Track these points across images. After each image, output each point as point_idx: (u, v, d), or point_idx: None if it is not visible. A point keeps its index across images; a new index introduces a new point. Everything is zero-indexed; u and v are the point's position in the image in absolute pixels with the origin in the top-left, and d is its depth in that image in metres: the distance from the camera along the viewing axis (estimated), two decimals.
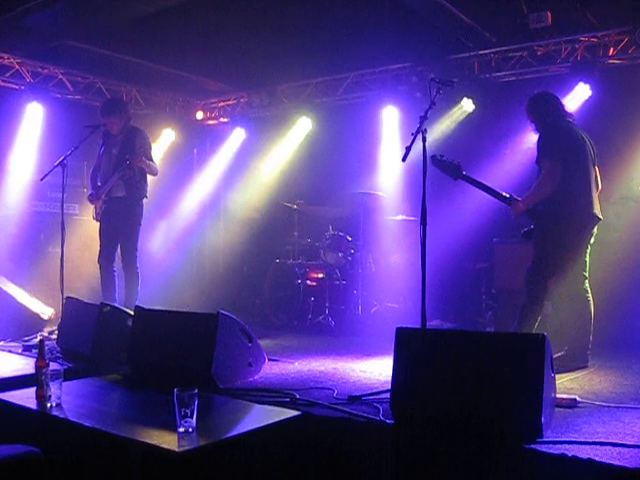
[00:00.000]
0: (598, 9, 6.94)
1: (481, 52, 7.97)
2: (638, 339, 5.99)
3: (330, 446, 3.60)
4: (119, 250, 6.86)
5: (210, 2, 6.93)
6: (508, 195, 5.21)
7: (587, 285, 5.32)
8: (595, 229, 5.25)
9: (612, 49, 7.20)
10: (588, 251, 5.31)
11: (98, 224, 6.91)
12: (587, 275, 5.33)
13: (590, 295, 5.31)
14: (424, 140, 4.39)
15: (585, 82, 7.25)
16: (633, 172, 6.90)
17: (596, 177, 5.35)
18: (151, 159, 6.86)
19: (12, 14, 6.96)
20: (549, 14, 6.83)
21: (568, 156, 5.07)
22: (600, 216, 5.21)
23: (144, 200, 6.89)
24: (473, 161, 5.20)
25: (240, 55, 8.35)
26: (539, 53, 7.64)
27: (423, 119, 4.45)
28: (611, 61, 7.23)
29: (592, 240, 5.28)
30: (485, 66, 8.05)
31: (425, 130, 4.40)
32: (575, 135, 5.21)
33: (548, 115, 5.28)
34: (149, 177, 6.95)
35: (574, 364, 5.12)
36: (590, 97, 7.28)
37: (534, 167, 5.30)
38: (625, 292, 6.52)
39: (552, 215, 5.10)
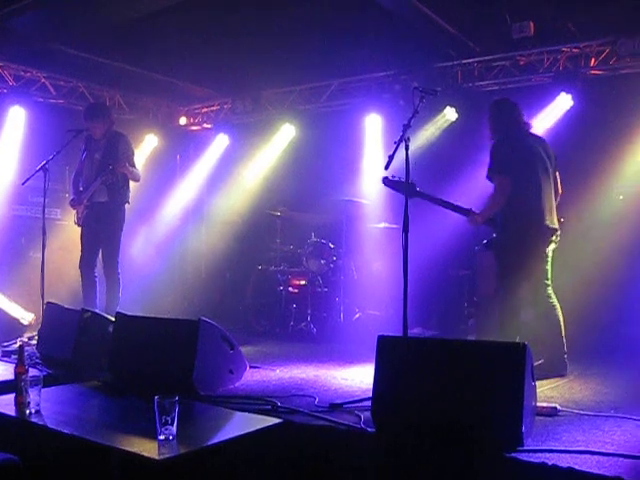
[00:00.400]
0: (580, 20, 7.00)
1: (464, 61, 8.01)
2: (617, 347, 6.03)
3: (311, 454, 3.59)
4: (100, 255, 6.82)
5: (195, 8, 6.91)
6: (467, 208, 5.29)
7: (550, 291, 5.35)
8: (554, 238, 5.28)
9: (594, 60, 7.26)
10: (549, 259, 5.33)
11: (79, 229, 6.87)
12: (549, 282, 5.35)
13: (555, 300, 5.33)
14: (407, 149, 4.40)
15: (567, 92, 7.31)
16: (614, 181, 6.96)
17: (555, 184, 5.41)
18: (133, 165, 6.84)
19: None
20: (532, 24, 6.90)
21: (518, 170, 5.12)
22: (555, 227, 5.25)
23: (126, 205, 6.86)
24: (455, 169, 5.24)
25: (224, 61, 8.34)
26: (522, 63, 7.70)
27: (406, 127, 4.46)
28: (593, 72, 7.29)
29: (552, 247, 5.30)
30: (468, 75, 8.09)
31: (408, 139, 4.41)
32: (526, 147, 5.24)
33: (502, 124, 5.32)
34: (131, 183, 6.92)
35: (553, 372, 5.15)
36: (572, 107, 7.35)
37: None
38: (604, 300, 6.57)
39: (505, 227, 5.19)
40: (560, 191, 5.49)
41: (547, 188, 5.25)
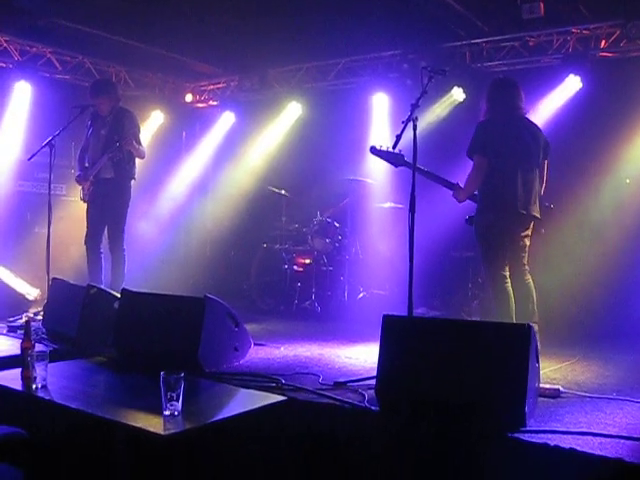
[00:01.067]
0: (591, 1, 6.93)
1: (473, 41, 7.95)
2: (620, 330, 6.04)
3: (315, 431, 3.62)
4: (106, 232, 6.83)
5: None
6: (453, 182, 5.27)
7: (528, 277, 5.23)
8: (530, 225, 5.20)
9: (604, 42, 7.20)
10: (525, 246, 5.23)
11: (85, 205, 6.87)
12: (527, 268, 5.26)
13: (531, 285, 5.21)
14: (415, 128, 4.38)
15: (576, 74, 7.26)
16: (622, 164, 6.94)
17: (541, 173, 5.30)
18: (139, 142, 6.82)
19: None
20: (542, 5, 6.81)
21: (497, 153, 5.06)
22: (533, 214, 5.15)
23: (132, 182, 6.86)
24: (463, 150, 5.20)
25: (231, 38, 8.29)
26: (531, 44, 7.64)
27: (414, 107, 4.43)
28: (602, 54, 7.23)
29: (524, 233, 5.19)
30: (477, 55, 8.04)
31: (416, 118, 4.39)
32: (512, 132, 5.14)
33: (495, 105, 5.23)
34: (137, 159, 6.92)
35: None
36: (581, 89, 7.30)
37: None
38: (607, 284, 6.58)
39: (480, 209, 5.17)
40: (545, 180, 5.36)
41: (528, 175, 5.13)
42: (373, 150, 5.03)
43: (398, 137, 4.44)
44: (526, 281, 5.22)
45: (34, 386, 3.67)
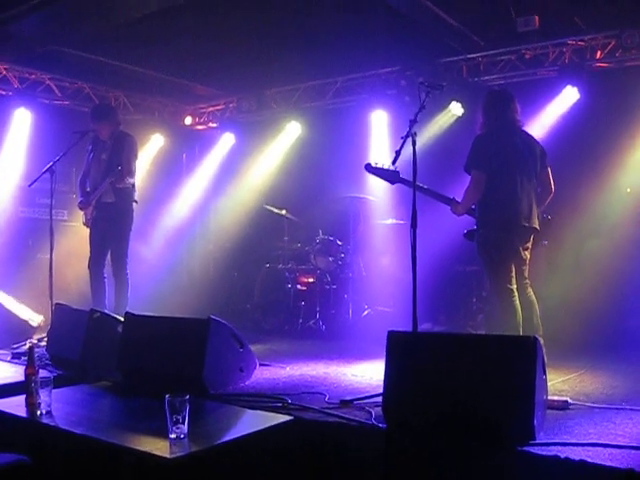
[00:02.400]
0: (585, 13, 6.97)
1: (469, 56, 7.99)
2: (627, 340, 6.01)
3: (322, 451, 3.59)
4: (109, 256, 6.83)
5: (198, 7, 6.91)
6: (450, 197, 5.26)
7: (529, 290, 5.22)
8: (530, 237, 5.16)
9: (599, 52, 7.22)
10: (526, 258, 5.19)
11: (88, 230, 6.87)
12: (528, 281, 5.24)
13: (533, 296, 5.21)
14: (414, 144, 4.40)
15: (573, 85, 7.27)
16: (622, 173, 6.93)
17: (544, 183, 5.27)
18: (130, 170, 6.76)
19: (0, 19, 6.92)
20: (537, 18, 6.86)
21: (495, 167, 5.03)
22: (533, 226, 5.11)
23: (134, 205, 6.86)
24: (462, 164, 5.21)
25: (229, 60, 8.34)
26: (527, 57, 7.67)
27: (413, 122, 4.45)
28: (598, 64, 7.26)
29: (524, 246, 5.15)
30: (473, 70, 8.07)
31: (415, 133, 4.40)
32: (509, 145, 5.12)
33: (490, 118, 5.23)
34: (137, 182, 6.93)
35: None
36: (578, 100, 7.32)
37: None
38: (611, 293, 6.56)
39: (481, 223, 5.14)
40: (552, 189, 5.31)
41: (526, 187, 5.10)
42: (368, 168, 5.03)
43: (397, 153, 4.44)
44: (528, 295, 5.20)
45: (38, 412, 3.65)
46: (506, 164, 5.06)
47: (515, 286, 5.08)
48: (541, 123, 7.29)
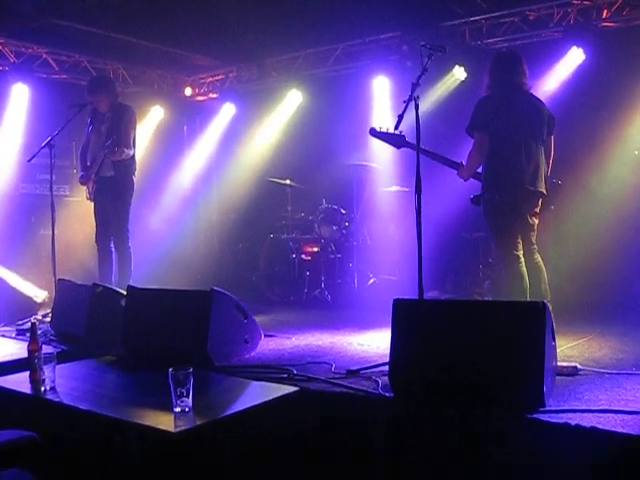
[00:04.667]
0: None
1: (472, 19, 7.84)
2: (636, 305, 5.96)
3: (329, 421, 3.56)
4: None
5: None
6: (457, 161, 5.20)
7: (537, 257, 5.14)
8: (531, 201, 5.04)
9: (606, 11, 7.06)
10: (534, 224, 5.12)
11: (91, 204, 6.82)
12: (535, 247, 5.15)
13: (541, 262, 5.14)
14: (417, 108, 4.30)
15: (578, 46, 7.13)
16: (630, 136, 6.83)
17: (547, 148, 5.18)
18: (128, 143, 6.67)
19: None
20: None
21: (500, 129, 4.94)
22: (540, 190, 5.02)
23: (134, 178, 6.79)
24: (465, 128, 5.12)
25: (228, 29, 8.21)
26: (531, 18, 7.52)
27: (415, 86, 4.35)
28: (605, 24, 7.10)
29: (536, 210, 5.08)
30: (476, 33, 7.93)
31: (417, 97, 4.30)
32: (515, 107, 5.02)
33: (497, 80, 5.11)
34: (139, 154, 6.86)
35: None
36: (584, 61, 7.18)
37: None
38: (620, 257, 6.50)
39: (485, 187, 5.07)
40: (552, 155, 5.23)
41: (532, 151, 5.00)
42: (373, 132, 4.94)
43: (400, 117, 4.35)
44: (535, 260, 5.12)
45: (42, 388, 3.62)
46: (511, 126, 4.96)
47: (521, 252, 5.00)
48: (546, 85, 7.16)
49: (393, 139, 4.93)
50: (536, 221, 5.14)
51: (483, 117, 4.99)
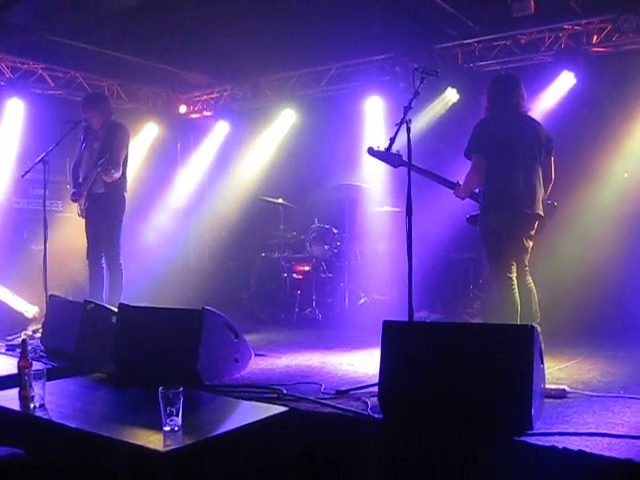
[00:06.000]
0: None
1: (465, 41, 7.93)
2: (624, 326, 5.98)
3: (318, 441, 3.57)
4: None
5: None
6: (453, 181, 5.23)
7: (529, 278, 5.21)
8: (535, 224, 5.10)
9: (596, 37, 7.16)
10: (529, 246, 5.17)
11: (83, 221, 6.83)
12: (527, 269, 5.21)
13: (532, 284, 5.20)
14: (408, 130, 4.35)
15: (569, 70, 7.23)
16: (620, 159, 6.89)
17: (546, 170, 5.22)
18: (119, 162, 6.65)
19: None
20: (532, 2, 6.79)
21: (497, 153, 5.00)
22: (537, 213, 5.06)
23: (125, 195, 6.80)
24: (458, 150, 5.17)
25: (223, 48, 8.28)
26: (523, 42, 7.61)
27: (407, 109, 4.40)
28: (595, 49, 7.20)
29: (527, 233, 5.11)
30: (469, 55, 8.02)
31: (409, 120, 4.35)
32: (512, 130, 5.07)
33: (494, 104, 5.18)
34: (132, 171, 6.87)
35: None
36: (575, 85, 7.27)
37: None
38: (608, 279, 6.53)
39: (483, 209, 5.11)
40: (552, 177, 5.28)
41: (529, 173, 5.05)
42: (371, 151, 4.96)
43: (392, 140, 4.40)
44: (527, 282, 5.17)
45: (32, 405, 3.62)
46: (508, 149, 5.02)
47: (515, 274, 5.05)
48: (537, 109, 7.21)
49: (390, 158, 4.95)
50: (531, 243, 5.18)
51: (480, 139, 5.05)
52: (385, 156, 4.95)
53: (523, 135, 5.10)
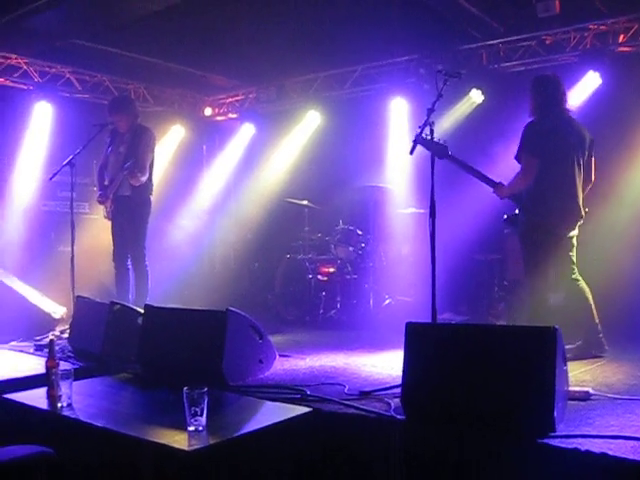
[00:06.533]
0: None
1: (489, 42, 7.90)
2: None
3: (341, 442, 3.58)
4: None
5: None
6: (496, 181, 5.26)
7: (577, 274, 5.28)
8: (575, 222, 5.21)
9: (622, 36, 7.10)
10: (574, 245, 5.27)
11: (109, 222, 6.91)
12: (575, 266, 5.29)
13: (583, 283, 5.27)
14: (432, 132, 4.36)
15: (595, 70, 7.17)
16: None
17: (588, 171, 5.29)
18: (145, 165, 6.73)
19: (18, 14, 6.94)
20: (557, 3, 6.74)
21: (549, 152, 5.04)
22: (581, 213, 5.18)
23: (151, 197, 6.88)
24: (483, 152, 5.18)
25: (247, 50, 8.32)
26: (547, 42, 7.57)
27: (430, 111, 4.42)
28: (621, 49, 7.14)
29: (575, 233, 5.23)
30: (493, 56, 7.99)
31: (432, 123, 4.37)
32: (560, 132, 5.12)
33: (539, 105, 5.21)
34: (158, 173, 6.93)
35: (591, 352, 5.15)
36: (600, 85, 7.21)
37: None
38: (636, 282, 6.47)
39: (531, 209, 5.14)
40: (592, 179, 5.37)
41: (576, 175, 5.15)
42: (418, 138, 4.94)
43: (415, 142, 4.40)
44: (577, 282, 5.27)
45: (59, 405, 3.69)
46: (558, 151, 5.09)
47: (550, 279, 5.13)
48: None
49: (437, 149, 4.94)
50: (575, 243, 5.26)
51: (533, 141, 5.09)
52: (432, 145, 4.93)
53: (571, 136, 5.17)
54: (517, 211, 5.30)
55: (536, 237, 5.09)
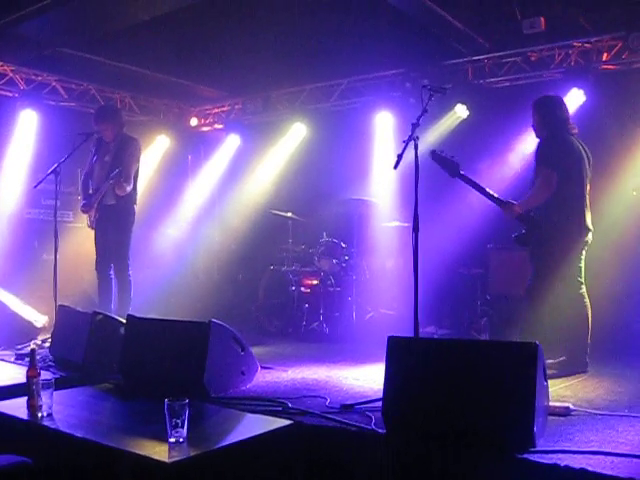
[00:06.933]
0: (592, 15, 6.94)
1: (475, 58, 7.96)
2: (631, 345, 5.98)
3: (322, 455, 3.59)
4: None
5: (204, 9, 6.91)
6: (505, 200, 5.29)
7: (584, 290, 5.37)
8: (588, 237, 5.32)
9: (606, 54, 7.19)
10: (583, 257, 5.35)
11: (93, 232, 6.88)
12: (582, 280, 5.36)
13: (587, 300, 5.35)
14: (416, 147, 4.39)
15: (579, 87, 7.24)
16: (628, 176, 6.89)
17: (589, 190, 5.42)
18: (130, 175, 6.74)
19: (5, 22, 6.93)
20: (543, 20, 6.83)
21: (566, 167, 5.15)
22: (591, 227, 5.32)
23: (135, 207, 6.87)
24: (467, 167, 5.19)
25: (234, 62, 8.35)
26: (533, 59, 7.64)
27: (415, 126, 4.44)
28: (605, 66, 7.23)
29: (585, 247, 5.33)
30: (479, 72, 8.05)
31: (417, 137, 4.39)
32: (572, 146, 5.26)
33: (551, 123, 5.30)
34: (143, 183, 6.92)
35: (573, 368, 5.18)
36: (584, 102, 7.27)
37: (529, 172, 5.37)
38: (617, 297, 6.52)
39: (551, 224, 5.18)
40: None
41: (585, 192, 5.31)
42: (434, 155, 5.00)
43: (399, 156, 4.42)
44: (583, 298, 5.36)
45: (39, 414, 3.67)
46: (573, 166, 5.21)
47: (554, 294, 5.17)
48: None
49: (450, 166, 5.03)
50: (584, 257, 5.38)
51: (550, 156, 5.17)
52: (446, 162, 5.02)
53: (580, 156, 5.28)
54: (524, 230, 5.33)
55: (554, 253, 5.16)
